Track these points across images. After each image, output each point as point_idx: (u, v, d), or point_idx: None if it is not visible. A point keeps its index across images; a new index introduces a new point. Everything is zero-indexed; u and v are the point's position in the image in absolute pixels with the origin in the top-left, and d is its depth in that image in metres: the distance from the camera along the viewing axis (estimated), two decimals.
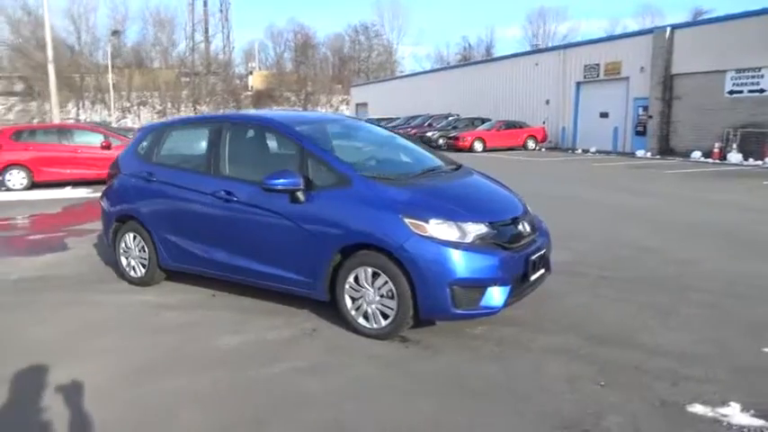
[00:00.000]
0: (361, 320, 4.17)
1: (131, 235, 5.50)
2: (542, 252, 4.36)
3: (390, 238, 3.92)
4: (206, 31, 65.48)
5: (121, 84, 56.95)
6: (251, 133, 4.93)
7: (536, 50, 34.44)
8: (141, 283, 5.53)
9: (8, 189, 13.33)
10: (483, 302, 3.92)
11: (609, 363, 3.70)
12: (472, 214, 4.04)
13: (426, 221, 3.87)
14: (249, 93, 65.01)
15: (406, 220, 3.89)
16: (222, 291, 5.21)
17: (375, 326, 4.10)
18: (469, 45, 70.27)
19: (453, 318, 3.93)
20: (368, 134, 5.62)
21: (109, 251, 6.04)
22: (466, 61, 54.20)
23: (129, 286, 5.55)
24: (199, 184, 4.92)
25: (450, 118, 29.83)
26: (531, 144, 26.01)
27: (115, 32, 50.16)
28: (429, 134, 27.56)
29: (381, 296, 4.04)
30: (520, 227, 4.26)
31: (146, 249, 5.40)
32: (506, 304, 4.00)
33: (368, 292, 4.10)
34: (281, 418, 3.11)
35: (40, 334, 4.38)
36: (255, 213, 4.54)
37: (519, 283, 4.16)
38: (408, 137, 5.70)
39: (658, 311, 4.61)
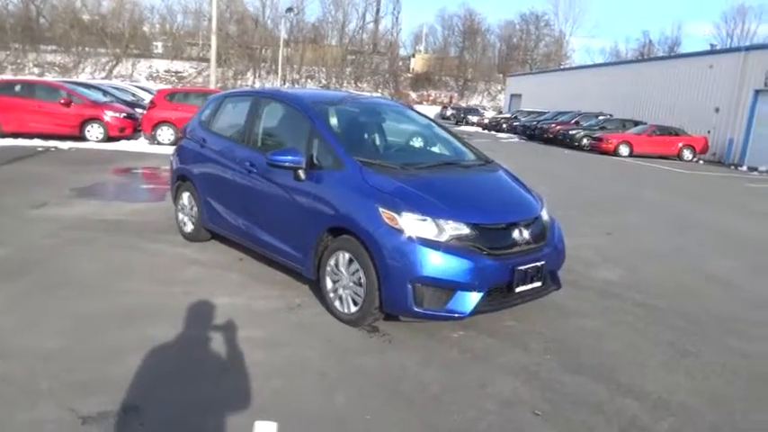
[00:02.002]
0: (337, 303, 4.20)
1: (186, 194, 6.00)
2: (539, 264, 4.03)
3: (364, 225, 3.88)
4: (377, 11, 67.52)
5: (295, 57, 61.10)
6: (277, 109, 5.11)
7: (712, 51, 30.87)
8: (190, 237, 6.04)
9: None
10: (450, 305, 3.75)
11: (567, 395, 3.36)
12: (455, 212, 3.85)
13: (399, 214, 3.77)
14: (409, 75, 66.07)
15: (381, 210, 3.83)
16: (249, 256, 5.52)
17: (346, 311, 4.11)
18: (650, 41, 64.88)
19: (414, 316, 3.80)
20: (401, 121, 5.53)
21: None
22: (640, 58, 50.16)
23: (180, 239, 6.07)
24: (234, 153, 5.23)
25: (601, 117, 27.89)
26: (687, 154, 23.48)
27: (289, 9, 53.67)
28: (573, 132, 26.08)
29: (354, 283, 4.03)
30: (514, 233, 3.97)
31: (194, 208, 5.88)
32: (477, 312, 3.78)
33: (344, 277, 4.11)
34: (195, 380, 3.28)
35: (84, 268, 5.00)
36: (268, 186, 4.73)
37: (499, 293, 3.90)
38: (445, 127, 5.50)
39: (675, 352, 4.05)
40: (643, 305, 4.98)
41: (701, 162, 23.45)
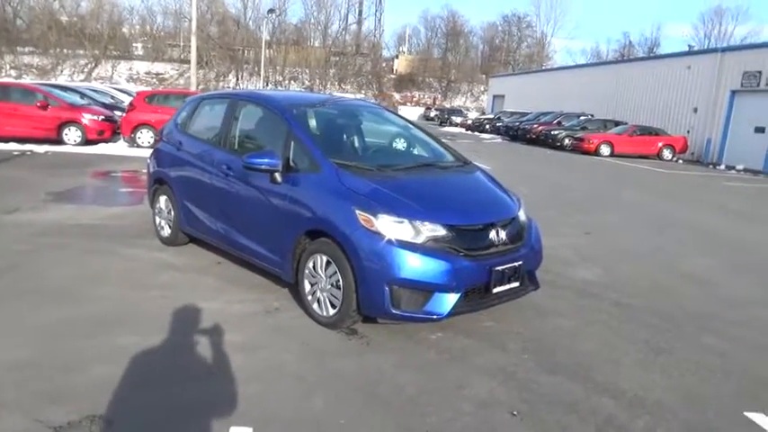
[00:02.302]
0: (315, 306, 4.18)
1: (164, 197, 5.93)
2: (516, 264, 4.04)
3: (340, 228, 3.86)
4: (359, 12, 67.52)
5: (277, 59, 60.85)
6: (254, 111, 5.07)
7: (690, 52, 31.33)
8: (167, 242, 5.97)
9: None
10: (427, 307, 3.74)
11: (543, 395, 3.37)
12: (431, 214, 3.85)
13: (375, 216, 3.75)
14: (392, 76, 66.14)
15: (357, 212, 3.81)
16: (227, 260, 5.47)
17: (324, 314, 4.09)
18: (630, 42, 65.68)
19: (392, 318, 3.79)
20: (379, 123, 5.52)
21: None
22: (620, 59, 50.72)
23: (157, 244, 6.00)
24: (211, 157, 5.18)
25: (582, 117, 28.14)
26: (666, 154, 23.77)
27: (271, 11, 53.51)
28: (555, 132, 26.28)
29: (331, 285, 4.01)
30: (491, 234, 3.98)
31: (171, 212, 5.81)
32: (454, 313, 3.78)
33: (321, 280, 4.09)
34: (167, 386, 3.24)
35: (57, 274, 4.92)
36: (245, 189, 4.69)
37: (476, 294, 3.91)
38: (423, 129, 5.50)
39: (650, 350, 4.08)
40: (618, 304, 5.01)
41: (681, 161, 23.76)
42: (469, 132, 36.48)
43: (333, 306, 4.03)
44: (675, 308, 4.99)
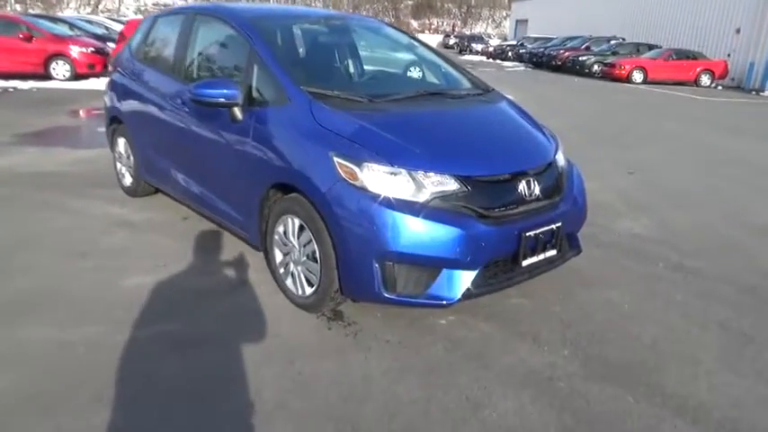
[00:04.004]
0: (288, 282, 3.21)
1: (122, 139, 4.93)
2: (553, 227, 2.99)
3: (313, 181, 2.83)
4: None
5: None
6: (213, 29, 3.94)
7: None
8: (130, 192, 5.02)
9: None
10: (432, 290, 2.74)
11: (595, 418, 2.40)
12: (438, 161, 2.79)
13: (359, 165, 2.70)
14: (410, 2, 62.95)
15: (336, 160, 2.76)
16: (198, 214, 4.49)
17: (299, 292, 3.12)
18: None
19: (383, 302, 2.81)
20: (375, 41, 4.36)
21: None
22: None
23: (115, 195, 5.05)
24: (164, 88, 4.13)
25: (613, 42, 26.09)
26: (705, 80, 21.88)
27: None
28: (583, 58, 24.39)
29: (307, 257, 3.02)
30: (521, 187, 2.91)
31: (131, 157, 4.82)
32: (470, 296, 2.78)
33: (294, 249, 3.10)
34: (63, 406, 2.33)
35: None
36: (201, 129, 3.65)
37: (500, 269, 2.89)
38: (433, 49, 4.31)
39: (731, 338, 3.07)
40: (681, 268, 3.97)
41: (720, 88, 21.92)
42: (491, 60, 34.45)
43: (309, 284, 3.06)
44: (753, 274, 3.93)
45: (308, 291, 3.06)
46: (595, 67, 23.43)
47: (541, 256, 3.00)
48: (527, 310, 3.26)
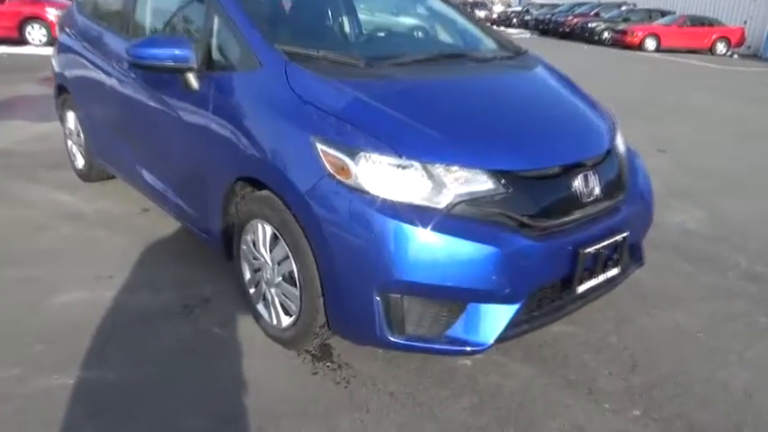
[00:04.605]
0: (260, 307, 2.43)
1: (72, 114, 4.10)
2: (618, 238, 2.19)
3: (289, 176, 2.03)
4: None
5: None
6: None
7: None
8: (82, 176, 4.22)
9: None
10: (454, 332, 1.96)
11: None
12: (465, 148, 1.98)
13: (352, 154, 1.90)
14: None
15: (320, 148, 1.95)
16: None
17: (274, 322, 2.35)
18: None
19: (387, 347, 2.04)
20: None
21: None
22: None
23: (68, 179, 4.25)
24: (112, 48, 3.29)
25: (624, 7, 24.91)
26: (720, 47, 20.79)
27: None
28: (592, 25, 23.26)
29: (282, 278, 2.23)
30: (576, 184, 2.10)
31: (81, 134, 4.00)
32: (505, 338, 2.00)
33: (267, 266, 2.31)
34: None
35: None
36: (152, 101, 2.83)
37: (547, 297, 2.11)
38: (455, 5, 3.43)
39: None
40: (754, 277, 3.20)
41: (736, 56, 20.85)
42: (495, 27, 33.16)
43: (286, 312, 2.27)
44: None
45: (286, 321, 2.28)
46: (606, 34, 22.33)
47: (601, 278, 2.22)
48: (575, 342, 2.50)
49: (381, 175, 1.88)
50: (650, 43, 20.43)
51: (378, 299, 1.89)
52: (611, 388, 2.22)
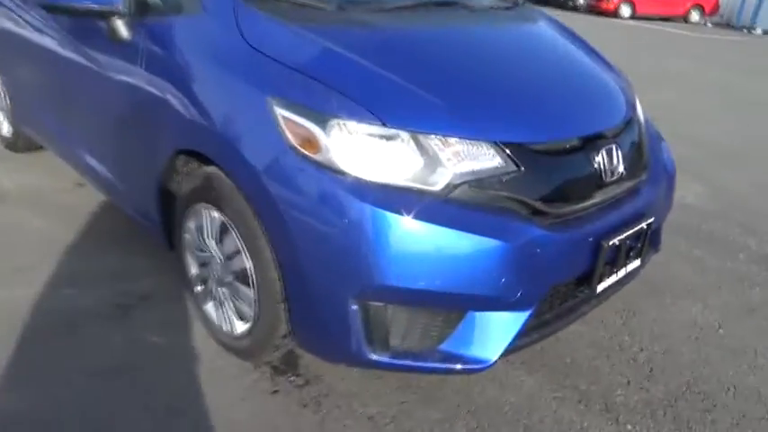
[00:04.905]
0: (209, 308, 1.99)
1: None
2: (644, 225, 1.81)
3: (241, 149, 1.57)
4: None
5: None
6: None
7: None
8: (9, 145, 3.66)
9: None
10: (449, 346, 1.56)
11: None
12: (466, 115, 1.56)
13: (321, 120, 1.46)
14: None
15: (280, 113, 1.50)
16: None
17: (225, 328, 1.91)
18: None
19: (366, 366, 1.65)
20: None
21: None
22: None
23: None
24: None
25: None
26: (695, 16, 20.63)
27: None
28: None
29: (234, 276, 1.79)
30: (599, 159, 1.70)
31: (5, 96, 3.44)
32: (512, 350, 1.61)
33: (215, 261, 1.87)
34: None
35: None
36: (74, 53, 2.31)
37: (561, 296, 1.73)
38: None
39: None
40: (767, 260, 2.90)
41: (709, 25, 20.73)
42: None
43: (241, 317, 1.84)
44: None
45: (240, 328, 1.85)
46: (581, 1, 21.88)
47: (622, 273, 1.84)
48: (582, 342, 2.14)
49: (359, 149, 1.45)
50: (625, 10, 20.10)
51: (355, 308, 1.48)
52: (631, 402, 1.87)
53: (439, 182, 1.47)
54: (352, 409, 1.76)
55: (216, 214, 1.76)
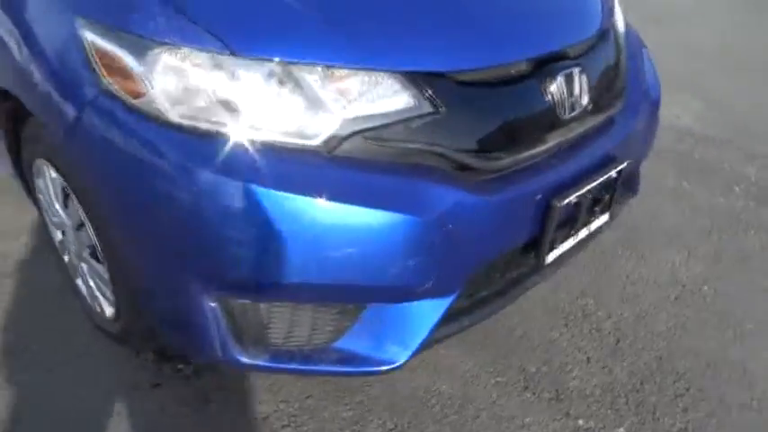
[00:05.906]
0: (79, 283, 1.62)
1: None
2: (612, 174, 1.41)
3: (51, 93, 1.14)
4: None
5: None
6: None
7: None
8: None
9: None
10: (345, 343, 1.21)
11: None
12: (359, 38, 1.10)
13: (142, 51, 1.01)
14: None
15: (89, 39, 1.05)
16: None
17: (96, 308, 1.56)
18: None
19: (238, 367, 1.31)
20: None
21: None
22: None
23: None
24: None
25: None
26: None
27: None
28: None
29: (89, 252, 1.41)
30: (553, 88, 1.26)
31: None
32: (430, 344, 1.26)
33: (67, 230, 1.48)
34: None
35: None
36: None
37: (501, 273, 1.36)
38: None
39: None
40: (766, 195, 2.51)
41: None
42: None
43: (106, 298, 1.48)
44: None
45: (109, 311, 1.49)
46: None
47: (582, 233, 1.46)
48: (540, 310, 1.79)
49: (197, 90, 1.02)
50: None
51: (213, 305, 1.11)
52: (587, 387, 1.55)
53: (320, 133, 1.05)
54: (245, 407, 1.43)
55: (55, 174, 1.36)
